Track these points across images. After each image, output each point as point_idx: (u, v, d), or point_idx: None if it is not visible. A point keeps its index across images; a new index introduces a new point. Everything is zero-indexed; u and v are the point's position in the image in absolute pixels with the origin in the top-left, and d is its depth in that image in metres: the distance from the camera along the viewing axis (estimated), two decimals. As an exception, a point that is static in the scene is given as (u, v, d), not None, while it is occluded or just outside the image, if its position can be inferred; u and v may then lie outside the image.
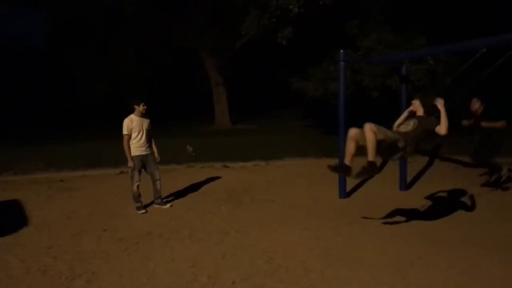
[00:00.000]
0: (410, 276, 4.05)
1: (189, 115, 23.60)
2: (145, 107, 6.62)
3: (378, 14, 13.21)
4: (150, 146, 6.76)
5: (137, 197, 6.66)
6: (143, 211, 6.65)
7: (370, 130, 4.57)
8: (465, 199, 6.80)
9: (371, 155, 4.61)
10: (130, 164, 6.51)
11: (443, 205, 6.56)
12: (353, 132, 4.81)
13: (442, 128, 4.80)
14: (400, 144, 4.80)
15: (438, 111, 4.95)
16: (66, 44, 22.92)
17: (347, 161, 4.86)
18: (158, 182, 6.84)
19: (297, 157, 11.64)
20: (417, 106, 5.27)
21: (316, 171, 9.63)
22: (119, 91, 21.96)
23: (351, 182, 7.72)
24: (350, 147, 4.83)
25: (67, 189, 8.47)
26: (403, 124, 5.29)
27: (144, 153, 6.63)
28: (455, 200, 6.80)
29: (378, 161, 5.06)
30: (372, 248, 4.81)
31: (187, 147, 12.26)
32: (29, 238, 5.53)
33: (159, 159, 6.90)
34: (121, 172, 9.78)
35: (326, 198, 7.27)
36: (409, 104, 5.66)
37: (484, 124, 7.33)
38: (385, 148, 4.79)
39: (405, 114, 5.50)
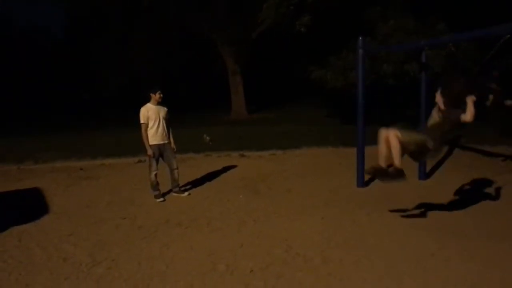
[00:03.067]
0: (430, 267, 3.99)
1: (206, 105, 23.66)
2: (161, 95, 6.63)
3: (397, 0, 12.97)
4: (168, 135, 6.78)
5: (155, 186, 6.70)
6: (161, 199, 6.69)
7: (393, 136, 4.51)
8: (486, 190, 6.67)
9: (397, 162, 4.54)
10: (149, 152, 6.55)
11: (464, 196, 6.45)
12: (383, 133, 4.73)
13: (467, 116, 4.58)
14: (429, 144, 4.70)
15: (464, 103, 4.79)
16: (86, 35, 23.15)
17: (381, 163, 4.79)
18: (175, 171, 6.86)
19: (314, 146, 11.57)
20: (438, 99, 5.03)
21: (333, 160, 9.57)
22: (137, 82, 22.15)
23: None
24: (383, 149, 4.75)
25: (86, 178, 8.58)
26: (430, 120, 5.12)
27: (162, 142, 6.65)
28: (476, 190, 6.67)
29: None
30: (391, 238, 4.76)
31: (204, 136, 12.31)
32: (50, 226, 5.62)
33: (175, 149, 6.92)
34: (139, 161, 9.86)
35: (343, 187, 7.21)
36: (429, 91, 5.54)
37: None
38: (413, 151, 4.72)
39: (434, 114, 5.19)
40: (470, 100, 4.62)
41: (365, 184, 7.27)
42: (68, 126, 17.85)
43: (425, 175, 7.67)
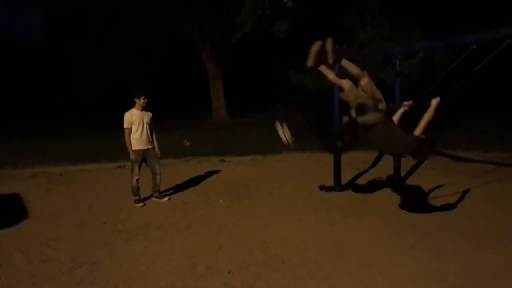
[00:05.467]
0: (401, 264, 4.19)
1: (186, 109, 23.66)
2: (145, 100, 6.69)
3: (374, 7, 13.25)
4: (151, 141, 6.84)
5: (136, 191, 6.75)
6: (141, 204, 6.75)
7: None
8: (458, 192, 6.92)
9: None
10: (132, 157, 6.60)
11: (436, 198, 6.68)
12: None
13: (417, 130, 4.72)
14: (381, 106, 4.70)
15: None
16: (65, 38, 22.92)
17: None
18: (158, 177, 6.93)
19: (294, 151, 11.73)
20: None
21: (313, 165, 9.75)
22: (117, 85, 22.02)
23: (346, 177, 7.87)
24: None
25: (66, 183, 8.56)
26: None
27: (145, 147, 6.71)
28: (447, 193, 6.91)
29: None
30: (366, 239, 4.94)
31: (184, 141, 12.35)
32: (30, 230, 5.63)
33: (159, 154, 6.98)
34: (119, 167, 9.88)
35: (322, 191, 7.38)
36: (403, 98, 5.71)
37: None
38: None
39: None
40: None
41: (343, 188, 7.46)
42: (46, 131, 17.65)
43: (399, 179, 7.88)
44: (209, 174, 9.07)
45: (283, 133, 5.37)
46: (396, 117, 5.21)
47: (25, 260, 4.57)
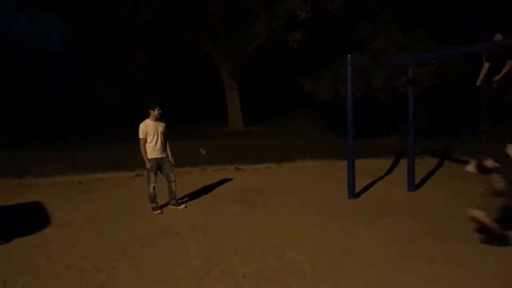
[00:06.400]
0: (412, 270, 4.28)
1: (202, 118, 23.93)
2: (160, 111, 6.93)
3: (387, 16, 13.37)
4: (165, 149, 7.07)
5: (153, 198, 6.96)
6: (158, 211, 6.95)
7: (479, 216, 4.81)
8: (471, 200, 6.94)
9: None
10: (148, 166, 6.83)
11: (449, 204, 6.73)
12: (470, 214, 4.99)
13: None
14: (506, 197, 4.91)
15: None
16: (83, 48, 23.45)
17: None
18: (173, 184, 7.13)
19: (309, 159, 11.85)
20: None
21: (327, 173, 9.86)
22: (134, 95, 22.43)
23: (361, 184, 7.97)
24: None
25: (86, 191, 8.83)
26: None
27: (160, 156, 6.93)
28: (461, 199, 6.94)
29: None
30: (377, 244, 5.04)
31: (201, 150, 12.56)
32: (53, 237, 5.86)
33: (173, 162, 7.19)
34: (137, 175, 10.13)
35: (335, 198, 7.49)
36: (416, 105, 5.78)
37: None
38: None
39: None
40: None
41: (356, 195, 7.55)
42: (66, 140, 18.04)
43: (413, 186, 7.94)
44: (224, 181, 9.25)
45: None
46: None
47: (49, 265, 4.78)
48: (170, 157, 7.15)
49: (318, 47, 15.70)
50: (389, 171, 9.81)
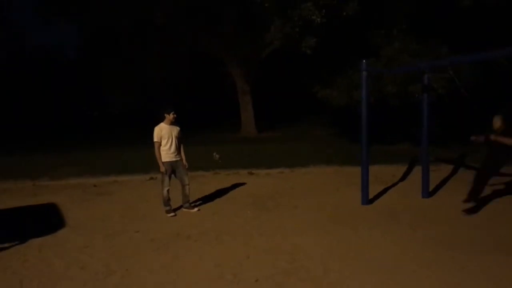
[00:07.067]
0: (424, 277, 4.23)
1: (215, 123, 24.05)
2: (175, 115, 6.98)
3: (402, 23, 13.31)
4: (179, 153, 7.11)
5: (166, 201, 7.00)
6: (172, 214, 6.99)
7: None
8: (484, 207, 6.88)
9: None
10: (162, 169, 6.87)
11: (463, 213, 6.66)
12: None
13: None
14: None
15: None
16: (98, 54, 23.75)
17: None
18: (187, 187, 7.17)
19: (321, 164, 11.83)
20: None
21: (340, 179, 9.82)
22: (149, 100, 22.62)
23: (374, 190, 7.93)
24: None
25: (100, 194, 8.92)
26: None
27: (174, 159, 6.98)
28: (474, 207, 6.87)
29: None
30: (390, 251, 5.00)
31: (214, 154, 12.62)
32: (67, 238, 5.93)
33: (187, 165, 7.23)
34: (151, 178, 10.20)
35: (349, 204, 7.46)
36: (431, 112, 5.77)
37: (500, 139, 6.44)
38: None
39: None
40: None
41: (370, 202, 7.51)
42: (80, 143, 18.26)
43: (427, 193, 7.87)
44: (237, 186, 9.27)
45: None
46: None
47: (63, 266, 4.84)
48: (184, 161, 7.20)
49: (331, 53, 15.69)
50: (402, 178, 9.74)
